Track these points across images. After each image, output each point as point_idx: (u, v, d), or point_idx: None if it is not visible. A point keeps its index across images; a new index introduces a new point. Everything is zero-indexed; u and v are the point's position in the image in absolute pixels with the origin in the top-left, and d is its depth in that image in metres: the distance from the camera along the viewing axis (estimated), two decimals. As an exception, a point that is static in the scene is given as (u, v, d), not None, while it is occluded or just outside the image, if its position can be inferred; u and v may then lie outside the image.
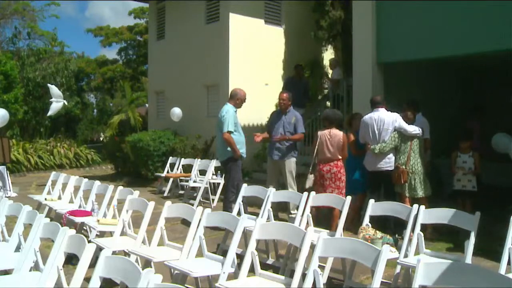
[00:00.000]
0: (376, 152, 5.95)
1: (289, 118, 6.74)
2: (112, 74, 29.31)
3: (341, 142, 6.00)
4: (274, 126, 6.80)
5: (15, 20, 23.80)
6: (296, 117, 6.76)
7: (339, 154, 6.01)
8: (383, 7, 7.74)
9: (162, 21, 13.19)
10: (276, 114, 6.98)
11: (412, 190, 5.85)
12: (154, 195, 9.33)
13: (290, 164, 6.71)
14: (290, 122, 6.72)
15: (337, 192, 5.80)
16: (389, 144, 5.95)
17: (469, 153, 6.06)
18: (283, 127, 6.73)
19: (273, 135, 6.76)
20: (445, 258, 3.76)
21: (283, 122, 6.74)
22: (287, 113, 6.77)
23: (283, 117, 6.78)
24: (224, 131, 6.35)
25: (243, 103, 6.68)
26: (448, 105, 9.11)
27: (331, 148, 6.02)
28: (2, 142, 9.90)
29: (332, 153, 6.02)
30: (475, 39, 6.69)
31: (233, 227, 3.57)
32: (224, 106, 6.66)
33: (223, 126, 6.37)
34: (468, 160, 6.03)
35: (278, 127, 6.75)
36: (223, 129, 6.36)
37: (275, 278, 3.22)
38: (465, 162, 6.03)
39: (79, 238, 2.94)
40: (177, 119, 10.63)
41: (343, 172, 6.02)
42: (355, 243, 2.90)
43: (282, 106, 6.79)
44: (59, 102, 11.36)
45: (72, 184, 6.41)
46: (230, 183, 6.53)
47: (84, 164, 16.27)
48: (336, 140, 6.01)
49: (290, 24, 11.66)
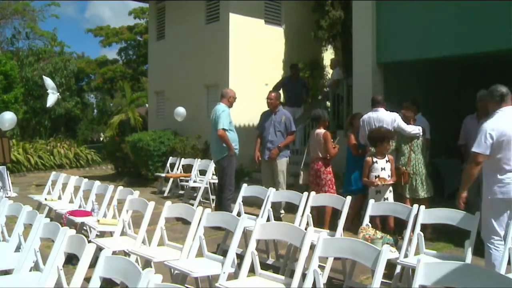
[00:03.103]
0: None
1: (278, 118, 6.80)
2: (112, 74, 29.31)
3: (321, 141, 6.05)
4: (264, 126, 6.86)
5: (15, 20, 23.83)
6: (285, 116, 6.84)
7: (321, 153, 6.06)
8: (383, 7, 7.74)
9: (162, 21, 13.19)
10: (266, 114, 7.01)
11: (413, 191, 5.82)
12: (154, 195, 9.32)
13: (282, 164, 6.77)
14: (280, 121, 6.78)
15: (317, 190, 5.82)
16: None
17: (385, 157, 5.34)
18: (274, 126, 6.77)
19: (264, 135, 6.83)
20: (445, 258, 3.76)
21: (273, 122, 6.80)
22: (276, 113, 6.83)
23: (272, 116, 6.84)
24: (219, 128, 6.44)
25: (234, 102, 6.83)
26: (448, 105, 9.11)
27: (315, 146, 6.13)
28: (2, 142, 9.89)
29: (316, 151, 6.12)
30: (475, 39, 6.70)
31: (233, 227, 3.57)
32: (217, 105, 6.75)
33: (218, 123, 6.48)
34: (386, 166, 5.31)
35: (269, 127, 6.80)
36: (218, 126, 6.46)
37: (275, 278, 3.22)
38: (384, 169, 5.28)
39: (79, 238, 2.94)
40: (181, 119, 10.50)
41: (326, 170, 6.06)
42: (355, 243, 2.90)
43: (270, 105, 6.86)
44: (55, 94, 11.33)
45: (72, 184, 6.41)
46: (227, 181, 6.58)
47: (84, 164, 16.27)
48: (317, 139, 6.10)
49: (290, 24, 11.65)
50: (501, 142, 3.69)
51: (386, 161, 5.24)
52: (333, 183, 6.08)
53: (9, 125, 9.48)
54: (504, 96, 3.79)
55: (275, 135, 6.74)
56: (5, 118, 9.35)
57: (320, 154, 6.08)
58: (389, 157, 5.29)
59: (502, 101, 3.80)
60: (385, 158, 5.24)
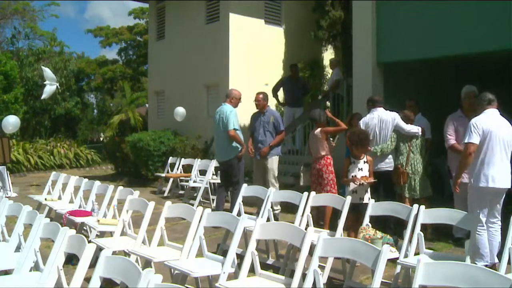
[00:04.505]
0: (378, 154, 5.91)
1: (267, 118, 6.96)
2: (112, 75, 29.27)
3: (318, 139, 6.06)
4: (255, 127, 7.03)
5: (15, 20, 23.83)
6: (273, 115, 7.00)
7: (321, 151, 6.06)
8: (383, 7, 7.74)
9: (162, 21, 13.19)
10: (255, 115, 7.15)
11: (412, 190, 5.82)
12: (154, 195, 9.32)
13: (272, 162, 6.89)
14: (269, 121, 6.94)
15: (319, 190, 5.81)
16: (389, 145, 5.91)
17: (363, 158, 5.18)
18: (263, 127, 6.94)
19: (255, 136, 7.00)
20: (445, 258, 3.75)
21: (262, 122, 6.96)
22: (265, 113, 6.99)
23: (261, 117, 6.99)
24: (230, 128, 6.56)
25: (239, 102, 6.94)
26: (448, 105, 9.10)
27: (315, 147, 6.15)
28: (2, 142, 9.88)
29: (315, 151, 6.14)
30: (475, 38, 6.70)
31: (233, 227, 3.57)
32: (223, 106, 6.82)
33: (228, 124, 6.59)
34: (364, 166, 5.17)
35: (259, 127, 6.97)
36: (229, 127, 6.57)
37: (275, 278, 3.22)
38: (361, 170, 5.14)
39: (79, 238, 2.94)
40: (180, 118, 10.43)
41: (328, 170, 6.04)
42: (355, 243, 2.90)
43: (258, 106, 7.02)
44: (53, 85, 11.17)
45: (72, 184, 6.41)
46: (241, 179, 6.71)
47: (84, 164, 16.26)
48: (314, 139, 6.13)
49: (290, 24, 11.66)
50: (486, 135, 4.37)
51: (364, 162, 5.11)
52: (335, 182, 6.07)
53: (13, 128, 9.54)
54: (491, 101, 4.54)
55: (264, 135, 6.92)
56: (9, 121, 9.39)
57: (321, 153, 6.08)
58: (367, 158, 5.17)
59: (488, 104, 4.54)
60: (363, 159, 5.11)
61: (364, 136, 5.17)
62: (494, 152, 4.37)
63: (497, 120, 4.49)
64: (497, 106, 4.58)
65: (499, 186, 4.38)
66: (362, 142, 5.07)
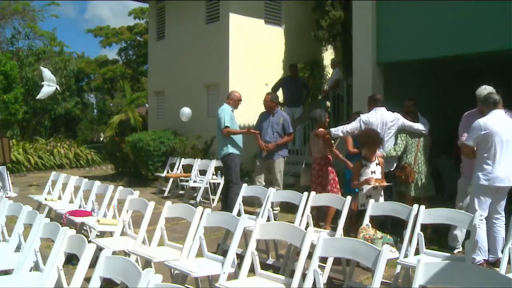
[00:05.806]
0: (393, 155, 5.71)
1: (276, 119, 6.95)
2: (112, 75, 29.29)
3: (318, 139, 6.04)
4: (262, 127, 6.99)
5: (15, 20, 23.82)
6: (283, 117, 7.00)
7: (321, 152, 6.06)
8: (383, 7, 7.74)
9: (162, 21, 13.19)
10: (264, 115, 7.12)
11: (417, 189, 5.77)
12: (154, 195, 9.32)
13: (279, 163, 6.90)
14: (278, 122, 6.93)
15: (319, 190, 5.78)
16: (400, 146, 5.75)
17: None
18: (271, 127, 6.92)
19: (262, 135, 6.94)
20: (445, 258, 3.76)
21: (271, 123, 6.94)
22: (274, 114, 6.98)
23: (270, 117, 6.97)
24: (222, 127, 6.69)
25: (238, 103, 7.00)
26: (448, 105, 9.11)
27: (315, 147, 6.16)
28: (2, 142, 9.89)
29: (317, 151, 6.14)
30: (475, 38, 6.69)
31: (233, 227, 3.57)
32: (221, 106, 6.99)
33: (220, 123, 6.73)
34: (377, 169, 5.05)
35: (267, 128, 6.94)
36: (221, 125, 6.71)
37: (275, 278, 3.22)
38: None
39: (79, 238, 2.94)
40: (186, 119, 10.18)
41: (329, 170, 6.04)
42: (355, 243, 2.90)
43: (265, 106, 7.02)
44: (51, 87, 11.01)
45: (72, 184, 6.41)
46: (234, 176, 6.75)
47: (84, 164, 16.25)
48: (314, 139, 6.12)
49: (290, 24, 11.65)
50: (490, 134, 4.49)
51: (376, 164, 4.96)
52: (336, 182, 6.04)
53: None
54: (497, 103, 4.66)
55: (272, 136, 6.89)
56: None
57: (321, 153, 6.07)
58: (379, 160, 5.04)
59: (494, 105, 4.65)
60: (375, 161, 4.96)
61: (377, 136, 5.02)
62: (498, 151, 4.49)
63: (502, 120, 4.61)
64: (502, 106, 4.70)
65: (502, 184, 4.50)
66: (375, 142, 4.93)
